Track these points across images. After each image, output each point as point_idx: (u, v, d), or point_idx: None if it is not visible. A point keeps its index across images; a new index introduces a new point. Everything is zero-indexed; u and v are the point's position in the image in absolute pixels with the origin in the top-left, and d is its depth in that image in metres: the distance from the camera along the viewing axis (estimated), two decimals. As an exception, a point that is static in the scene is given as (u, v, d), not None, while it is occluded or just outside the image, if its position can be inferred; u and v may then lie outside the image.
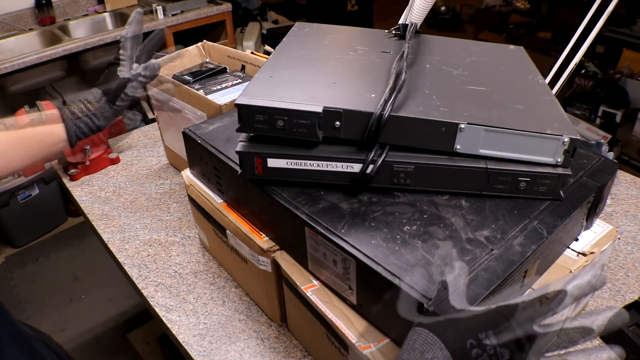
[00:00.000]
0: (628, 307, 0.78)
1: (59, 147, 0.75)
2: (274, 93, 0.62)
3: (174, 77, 1.11)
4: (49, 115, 0.74)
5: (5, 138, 0.70)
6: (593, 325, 0.44)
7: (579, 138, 0.59)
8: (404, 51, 0.71)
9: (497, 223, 0.60)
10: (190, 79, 1.10)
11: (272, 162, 0.63)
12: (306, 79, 0.68)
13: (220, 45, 1.24)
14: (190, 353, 0.78)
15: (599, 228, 0.72)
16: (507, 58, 0.83)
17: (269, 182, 0.66)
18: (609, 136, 2.62)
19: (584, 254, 0.67)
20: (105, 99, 0.79)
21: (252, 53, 1.20)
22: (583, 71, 3.01)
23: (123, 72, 0.81)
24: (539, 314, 0.44)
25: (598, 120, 2.88)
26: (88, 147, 1.22)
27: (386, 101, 0.59)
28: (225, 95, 1.03)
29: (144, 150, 1.36)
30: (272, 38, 3.22)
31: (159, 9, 2.44)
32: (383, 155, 0.61)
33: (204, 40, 1.27)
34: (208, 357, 0.78)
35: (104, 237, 1.05)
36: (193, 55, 1.24)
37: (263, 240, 0.72)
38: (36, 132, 0.72)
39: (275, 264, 0.71)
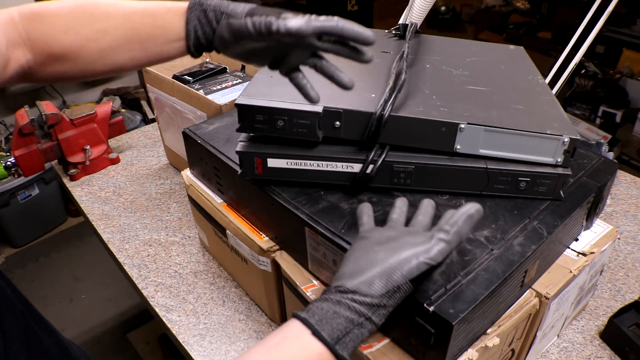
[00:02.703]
0: (628, 307, 0.78)
1: (176, 47, 0.56)
2: (274, 93, 0.62)
3: (174, 77, 1.11)
4: (175, 4, 0.55)
5: (117, 28, 0.54)
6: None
7: (579, 138, 0.59)
8: (404, 51, 0.71)
9: (497, 223, 0.60)
10: (190, 79, 1.10)
11: (272, 162, 0.63)
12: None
13: (220, 45, 1.24)
14: (190, 353, 0.78)
15: (599, 228, 0.72)
16: (507, 58, 0.83)
17: (269, 182, 0.66)
18: (609, 136, 2.62)
19: (584, 254, 0.67)
20: (248, 8, 0.54)
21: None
22: (583, 71, 3.01)
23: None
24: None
25: (598, 120, 2.88)
26: (88, 147, 1.22)
27: (386, 101, 0.59)
28: (225, 95, 1.03)
29: (144, 150, 1.36)
30: (272, 38, 3.22)
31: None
32: (383, 155, 0.61)
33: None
34: (208, 357, 0.78)
35: (104, 237, 1.05)
36: (193, 55, 1.24)
37: (263, 240, 0.72)
38: (155, 24, 0.55)
39: (275, 264, 0.71)
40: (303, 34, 0.49)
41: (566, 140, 0.59)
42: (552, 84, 1.01)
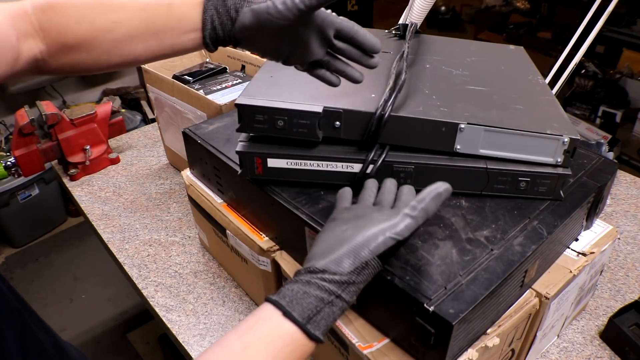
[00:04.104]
0: (628, 307, 0.78)
1: (192, 39, 0.54)
2: (274, 93, 0.62)
3: (174, 77, 1.11)
4: None
5: (132, 19, 0.52)
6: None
7: (579, 138, 0.59)
8: (404, 51, 0.71)
9: (497, 223, 0.60)
10: (190, 79, 1.10)
11: (272, 162, 0.63)
12: (306, 79, 0.68)
13: (220, 45, 1.24)
14: (190, 353, 0.78)
15: (599, 228, 0.72)
16: (507, 58, 0.83)
17: (269, 182, 0.66)
18: (609, 136, 2.62)
19: (584, 254, 0.67)
20: None
21: (252, 53, 1.20)
22: (583, 71, 3.01)
23: None
24: None
25: (598, 120, 2.87)
26: (88, 147, 1.22)
27: (386, 101, 0.59)
28: (225, 95, 1.03)
29: (144, 150, 1.36)
30: (272, 38, 3.22)
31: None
32: (383, 155, 0.61)
33: (204, 40, 1.27)
34: (208, 357, 0.78)
35: (104, 237, 1.05)
36: (193, 55, 1.24)
37: (263, 240, 0.72)
38: (171, 15, 0.53)
39: (275, 264, 0.71)
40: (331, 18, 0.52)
41: (566, 140, 0.59)
42: (552, 84, 1.01)
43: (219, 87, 1.06)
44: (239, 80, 1.09)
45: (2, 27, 0.50)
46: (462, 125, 0.59)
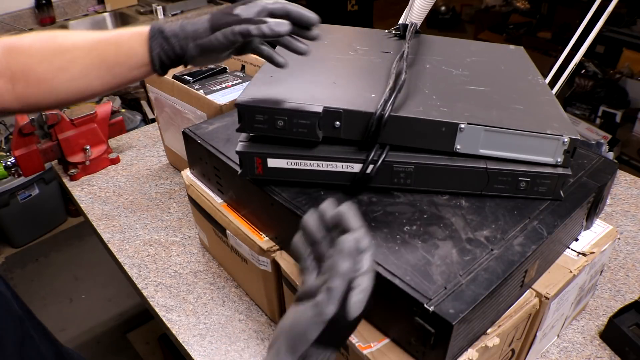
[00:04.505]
0: (628, 307, 0.78)
1: (143, 71, 0.60)
2: (274, 93, 0.62)
3: (174, 77, 1.11)
4: (138, 31, 0.58)
5: (84, 57, 0.57)
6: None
7: (579, 138, 0.59)
8: (404, 51, 0.71)
9: (497, 223, 0.60)
10: (190, 79, 1.10)
11: (272, 162, 0.63)
12: (306, 79, 0.68)
13: (220, 45, 1.24)
14: (190, 353, 0.78)
15: (599, 228, 0.72)
16: (507, 58, 0.83)
17: (269, 182, 0.66)
18: (609, 136, 2.62)
19: (584, 254, 0.67)
20: (209, 24, 0.57)
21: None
22: (583, 71, 3.01)
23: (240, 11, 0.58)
24: None
25: (598, 120, 2.87)
26: (88, 147, 1.22)
27: (386, 101, 0.59)
28: (225, 95, 1.03)
29: (144, 150, 1.36)
30: (272, 38, 3.22)
31: (159, 9, 2.44)
32: (383, 155, 0.61)
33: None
34: (208, 357, 0.78)
35: (104, 237, 1.05)
36: (193, 55, 1.24)
37: (263, 240, 0.72)
38: (119, 52, 0.58)
39: (275, 264, 0.71)
40: (277, 33, 0.56)
41: (566, 140, 0.59)
42: (552, 84, 1.01)
43: (219, 87, 1.06)
44: (239, 80, 1.09)
45: None
46: (462, 125, 0.59)
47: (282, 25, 0.56)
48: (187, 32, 0.57)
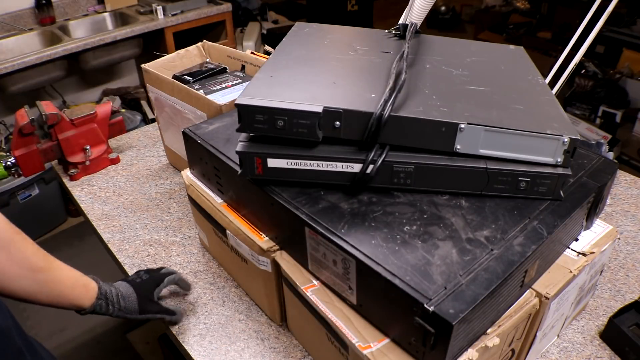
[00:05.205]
0: (628, 307, 0.78)
1: (71, 306, 0.77)
2: (274, 93, 0.62)
3: (174, 77, 1.11)
4: (88, 285, 0.77)
5: (33, 283, 0.68)
6: None
7: (579, 138, 0.59)
8: (404, 51, 0.71)
9: (497, 223, 0.60)
10: (190, 79, 1.10)
11: (272, 162, 0.63)
12: (306, 79, 0.68)
13: (220, 45, 1.24)
14: (190, 353, 0.78)
15: (599, 228, 0.72)
16: (507, 58, 0.83)
17: (269, 182, 0.66)
18: (609, 136, 2.62)
19: (584, 254, 0.67)
20: (138, 310, 0.78)
21: (252, 53, 1.20)
22: (583, 71, 3.01)
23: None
24: None
25: (598, 120, 2.88)
26: (88, 147, 1.22)
27: (386, 101, 0.59)
28: (225, 95, 1.03)
29: (144, 150, 1.36)
30: (272, 38, 3.22)
31: (159, 9, 2.43)
32: (383, 155, 0.61)
33: (204, 40, 1.27)
34: (208, 357, 0.78)
35: (104, 237, 1.05)
36: (193, 55, 1.24)
37: (263, 240, 0.72)
38: (66, 294, 0.73)
39: (275, 264, 0.71)
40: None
41: (566, 140, 0.59)
42: (552, 84, 1.01)
43: (219, 87, 1.06)
44: (239, 80, 1.09)
45: None
46: (462, 125, 0.59)
47: (180, 316, 0.82)
48: (121, 305, 0.78)
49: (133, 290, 0.78)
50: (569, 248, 0.68)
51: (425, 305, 0.49)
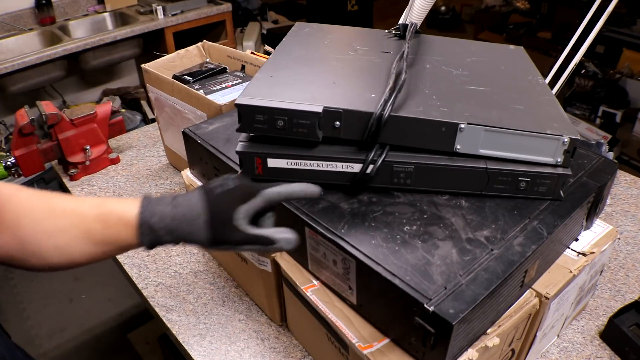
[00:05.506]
0: (628, 307, 0.78)
1: (128, 248, 0.57)
2: (274, 93, 0.62)
3: (174, 77, 1.11)
4: (124, 217, 0.54)
5: (70, 228, 0.54)
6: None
7: (579, 138, 0.59)
8: (404, 51, 0.71)
9: (497, 223, 0.60)
10: (190, 79, 1.10)
11: (272, 162, 0.63)
12: (306, 79, 0.68)
13: (220, 45, 1.24)
14: (190, 353, 0.78)
15: (599, 228, 0.72)
16: (507, 58, 0.83)
17: (269, 182, 0.66)
18: (609, 136, 2.62)
19: (584, 254, 0.67)
20: (207, 235, 0.54)
21: (252, 53, 1.20)
22: (583, 71, 3.01)
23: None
24: None
25: (598, 120, 2.88)
26: (88, 147, 1.22)
27: (386, 101, 0.59)
28: (225, 95, 1.03)
29: (144, 150, 1.36)
30: (272, 38, 3.22)
31: (159, 9, 2.43)
32: (383, 155, 0.61)
33: (204, 40, 1.27)
34: (208, 357, 0.78)
35: (104, 237, 1.05)
36: (193, 55, 1.24)
37: (263, 240, 0.72)
38: (107, 233, 0.54)
39: (275, 264, 0.71)
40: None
41: (566, 140, 0.59)
42: (552, 84, 1.01)
43: (219, 87, 1.06)
44: (239, 80, 1.09)
45: None
46: (462, 125, 0.59)
47: (287, 244, 0.54)
48: (183, 234, 0.54)
49: (202, 209, 0.54)
50: (569, 248, 0.68)
51: (425, 305, 0.49)
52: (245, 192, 0.55)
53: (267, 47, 1.34)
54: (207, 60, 1.25)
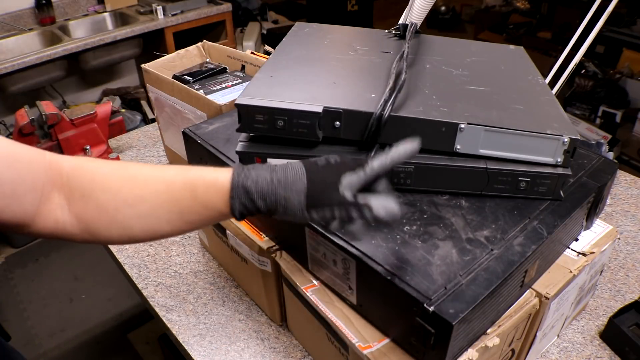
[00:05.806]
0: (628, 307, 0.78)
1: (220, 219, 0.55)
2: (274, 93, 0.62)
3: (174, 77, 1.11)
4: (216, 183, 0.51)
5: (156, 197, 0.52)
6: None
7: (579, 138, 0.59)
8: (404, 51, 0.71)
9: (497, 223, 0.60)
10: (190, 79, 1.10)
11: (272, 162, 0.63)
12: (306, 79, 0.68)
13: (220, 45, 1.24)
14: (190, 353, 0.78)
15: (599, 228, 0.72)
16: (507, 58, 0.83)
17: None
18: (609, 136, 2.62)
19: (584, 254, 0.67)
20: (306, 199, 0.51)
21: (252, 53, 1.20)
22: (583, 71, 3.01)
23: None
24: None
25: (598, 120, 2.87)
26: (88, 147, 1.22)
27: (386, 101, 0.59)
28: (225, 95, 1.03)
29: (144, 150, 1.36)
30: (272, 38, 3.22)
31: (159, 9, 2.43)
32: (383, 155, 0.60)
33: (204, 40, 1.27)
34: (208, 357, 0.78)
35: (104, 237, 1.05)
36: (193, 55, 1.24)
37: (263, 240, 0.72)
38: (196, 201, 0.52)
39: (275, 264, 0.71)
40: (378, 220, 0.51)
41: (566, 140, 0.59)
42: (552, 84, 1.01)
43: (219, 87, 1.06)
44: (239, 80, 1.09)
45: (35, 169, 0.49)
46: (462, 125, 0.59)
47: (389, 213, 0.50)
48: (278, 198, 0.50)
49: (302, 173, 0.51)
50: (569, 248, 0.68)
51: (425, 305, 0.49)
52: (349, 164, 0.52)
53: (267, 47, 1.34)
54: (207, 60, 1.25)
